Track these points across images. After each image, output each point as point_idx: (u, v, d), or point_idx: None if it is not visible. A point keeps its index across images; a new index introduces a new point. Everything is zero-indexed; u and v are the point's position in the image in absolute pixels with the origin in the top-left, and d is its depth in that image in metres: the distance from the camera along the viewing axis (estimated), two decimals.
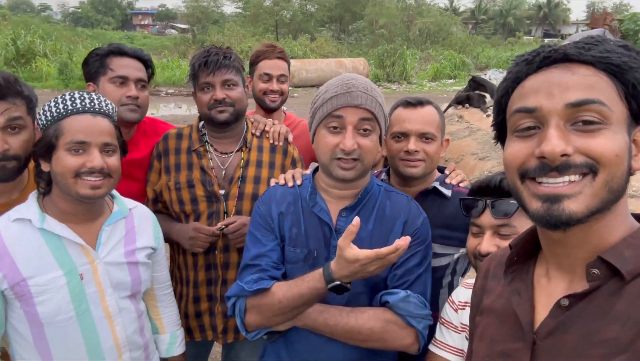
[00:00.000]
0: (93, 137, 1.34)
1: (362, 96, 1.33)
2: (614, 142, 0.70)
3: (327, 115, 1.34)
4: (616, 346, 0.67)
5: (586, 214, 0.70)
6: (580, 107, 0.70)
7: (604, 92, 0.70)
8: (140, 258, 1.52)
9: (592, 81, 0.71)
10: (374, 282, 1.38)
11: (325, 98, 1.35)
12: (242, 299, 1.38)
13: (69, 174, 1.33)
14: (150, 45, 30.71)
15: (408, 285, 1.39)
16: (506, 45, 32.40)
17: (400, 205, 1.46)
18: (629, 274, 0.70)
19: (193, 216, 1.89)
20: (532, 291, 0.82)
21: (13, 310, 1.37)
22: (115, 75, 1.90)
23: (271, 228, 1.45)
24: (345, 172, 1.34)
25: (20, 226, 1.36)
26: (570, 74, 0.71)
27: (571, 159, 0.70)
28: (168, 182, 1.92)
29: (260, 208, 1.48)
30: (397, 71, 20.73)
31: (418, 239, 1.42)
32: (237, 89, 1.87)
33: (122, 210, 1.51)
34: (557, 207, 0.71)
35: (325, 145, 1.35)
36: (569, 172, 0.70)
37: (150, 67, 2.04)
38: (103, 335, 1.43)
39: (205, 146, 1.93)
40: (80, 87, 14.85)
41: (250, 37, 26.30)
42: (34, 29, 21.02)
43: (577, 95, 0.70)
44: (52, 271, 1.36)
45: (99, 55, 1.94)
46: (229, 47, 1.95)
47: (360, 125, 1.33)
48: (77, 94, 1.39)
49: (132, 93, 1.91)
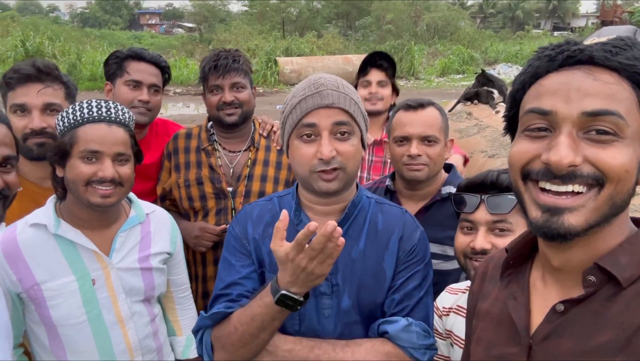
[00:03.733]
0: (106, 147, 1.36)
1: (333, 95, 1.17)
2: (625, 156, 0.67)
3: (298, 122, 1.17)
4: (610, 350, 0.67)
5: (585, 228, 0.69)
6: (597, 117, 0.67)
7: (624, 103, 0.67)
8: (155, 263, 1.53)
9: (613, 89, 0.67)
10: (368, 309, 1.23)
11: (293, 103, 1.19)
12: (208, 332, 1.21)
13: (81, 182, 1.34)
14: (158, 45, 30.82)
15: (408, 311, 1.22)
16: (515, 39, 32.05)
17: (394, 219, 1.29)
18: (626, 281, 0.69)
19: (202, 212, 1.95)
20: (528, 295, 0.81)
21: (30, 311, 1.41)
22: (130, 78, 2.01)
23: (247, 252, 1.27)
24: (328, 185, 1.17)
25: (35, 231, 1.38)
26: (592, 80, 0.68)
27: (578, 168, 0.67)
28: (178, 180, 1.98)
29: (235, 229, 1.30)
30: (404, 67, 20.59)
31: (416, 257, 1.26)
32: (245, 91, 1.93)
33: (138, 215, 1.53)
34: (556, 219, 0.69)
35: (301, 157, 1.18)
36: (573, 182, 0.68)
37: (167, 73, 2.13)
38: (115, 338, 1.44)
39: (214, 145, 1.99)
40: (88, 88, 14.96)
41: (257, 35, 26.29)
42: (43, 31, 21.19)
43: (596, 104, 0.67)
44: (64, 276, 1.38)
45: (119, 58, 2.06)
46: (237, 50, 1.99)
47: (336, 129, 1.16)
48: (94, 102, 1.40)
49: (144, 97, 2.01)
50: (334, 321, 1.23)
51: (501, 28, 42.84)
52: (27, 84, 1.64)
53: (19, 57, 18.56)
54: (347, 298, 1.22)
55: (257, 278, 1.26)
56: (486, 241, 1.26)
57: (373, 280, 1.24)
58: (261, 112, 2.31)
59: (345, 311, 1.23)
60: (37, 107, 1.64)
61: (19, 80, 1.64)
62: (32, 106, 1.63)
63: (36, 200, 1.52)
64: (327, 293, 1.23)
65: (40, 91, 1.64)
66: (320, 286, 1.19)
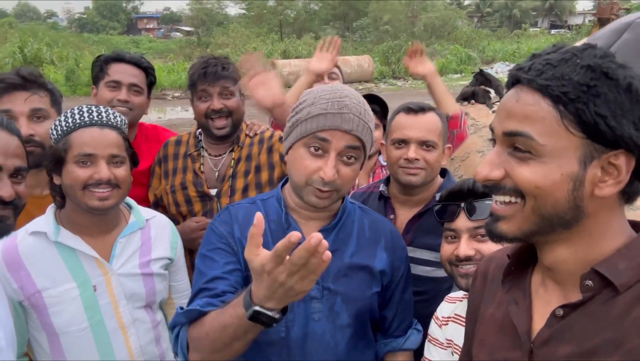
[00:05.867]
0: (100, 150, 1.37)
1: (355, 121, 1.16)
2: (535, 174, 0.71)
3: (310, 134, 1.16)
4: (607, 349, 0.69)
5: (519, 236, 0.76)
6: (513, 137, 0.73)
7: (540, 123, 0.70)
8: (155, 269, 1.54)
9: (529, 110, 0.71)
10: (359, 312, 1.27)
11: (311, 113, 1.16)
12: (184, 329, 1.14)
13: (78, 186, 1.35)
14: (156, 49, 30.86)
15: (411, 317, 1.41)
16: (512, 38, 32.09)
17: (380, 226, 1.36)
18: (623, 287, 0.70)
19: (189, 216, 1.98)
20: (529, 300, 0.83)
21: (32, 319, 1.41)
22: (110, 79, 2.05)
23: (232, 251, 1.23)
24: (318, 201, 1.19)
25: (36, 239, 1.39)
26: (514, 101, 0.73)
27: (502, 182, 0.74)
28: (166, 186, 2.01)
29: (220, 229, 1.26)
30: (402, 67, 20.60)
31: (406, 262, 1.40)
32: (233, 99, 1.93)
33: (138, 221, 1.54)
34: (494, 225, 0.78)
35: (302, 168, 1.18)
36: (497, 194, 0.76)
37: (151, 75, 2.16)
38: (117, 345, 1.45)
39: (200, 151, 2.02)
40: (87, 93, 14.94)
41: (255, 37, 26.31)
42: (41, 37, 21.22)
43: (511, 125, 0.73)
44: (65, 283, 1.39)
45: (100, 61, 2.10)
46: (226, 58, 2.01)
47: (346, 152, 1.17)
48: (85, 108, 1.42)
49: (122, 97, 2.03)
50: (324, 325, 1.23)
51: (498, 27, 42.83)
52: (13, 92, 1.63)
53: (17, 64, 18.55)
54: (340, 302, 1.24)
55: (241, 276, 1.20)
56: (469, 248, 1.27)
57: (364, 284, 1.28)
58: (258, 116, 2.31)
59: (337, 314, 1.24)
60: (24, 114, 1.63)
61: (4, 89, 1.63)
62: (18, 114, 1.62)
63: (26, 208, 1.52)
64: (317, 297, 1.23)
65: (27, 98, 1.64)
66: (311, 291, 1.10)
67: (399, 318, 1.39)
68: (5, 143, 1.12)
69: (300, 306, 1.21)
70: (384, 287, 1.33)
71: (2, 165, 1.10)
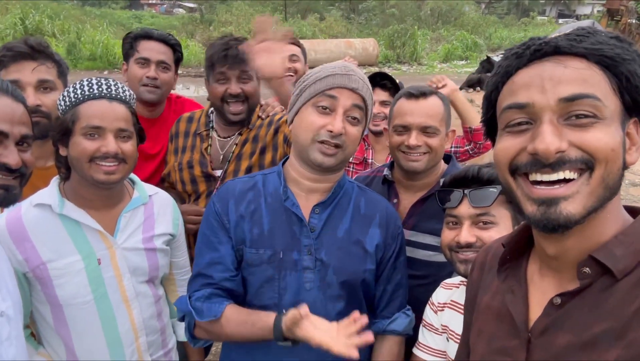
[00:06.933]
0: (108, 123, 1.36)
1: (360, 82, 1.27)
2: (609, 136, 0.68)
3: (319, 93, 1.25)
4: (606, 340, 0.68)
5: (584, 215, 0.69)
6: (574, 102, 0.68)
7: (598, 86, 0.69)
8: (158, 244, 1.55)
9: (585, 74, 0.69)
10: (350, 285, 1.34)
11: (319, 76, 1.27)
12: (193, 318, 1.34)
13: (84, 158, 1.35)
14: (158, 25, 30.38)
15: (401, 299, 1.43)
16: (519, 26, 31.66)
17: (376, 204, 1.41)
18: (620, 273, 0.69)
19: (194, 195, 1.98)
20: (525, 288, 0.82)
21: (36, 291, 1.42)
22: (139, 56, 2.11)
23: (225, 229, 1.34)
24: (324, 158, 1.25)
25: (40, 211, 1.39)
26: (563, 68, 0.70)
27: (566, 154, 0.68)
28: (175, 163, 2.01)
29: (216, 206, 1.36)
30: (407, 52, 20.39)
31: (401, 241, 1.42)
32: (251, 83, 1.90)
33: (141, 197, 1.54)
34: (553, 210, 0.69)
35: (309, 124, 1.25)
36: (563, 169, 0.69)
37: (178, 51, 2.21)
38: (120, 318, 1.46)
39: (209, 131, 2.00)
40: (88, 67, 14.80)
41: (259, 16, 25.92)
42: (42, 8, 20.90)
43: (571, 89, 0.68)
44: (70, 255, 1.39)
45: (130, 38, 2.17)
46: (246, 38, 1.96)
47: (352, 111, 1.26)
48: (94, 80, 1.40)
49: (151, 74, 2.08)
50: (315, 294, 1.30)
51: (506, 14, 42.27)
52: (21, 61, 1.63)
53: (19, 36, 18.30)
54: (332, 273, 1.30)
55: (235, 255, 1.33)
56: (470, 235, 1.28)
57: (356, 258, 1.33)
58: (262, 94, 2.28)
59: (328, 285, 1.31)
60: (31, 84, 1.63)
61: (12, 58, 1.62)
62: (26, 84, 1.62)
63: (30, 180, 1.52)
64: (310, 268, 1.30)
65: (35, 68, 1.64)
66: (304, 261, 1.28)
67: (386, 297, 1.40)
68: (11, 110, 1.11)
69: (292, 275, 1.28)
70: (380, 263, 1.37)
71: (9, 132, 1.09)
